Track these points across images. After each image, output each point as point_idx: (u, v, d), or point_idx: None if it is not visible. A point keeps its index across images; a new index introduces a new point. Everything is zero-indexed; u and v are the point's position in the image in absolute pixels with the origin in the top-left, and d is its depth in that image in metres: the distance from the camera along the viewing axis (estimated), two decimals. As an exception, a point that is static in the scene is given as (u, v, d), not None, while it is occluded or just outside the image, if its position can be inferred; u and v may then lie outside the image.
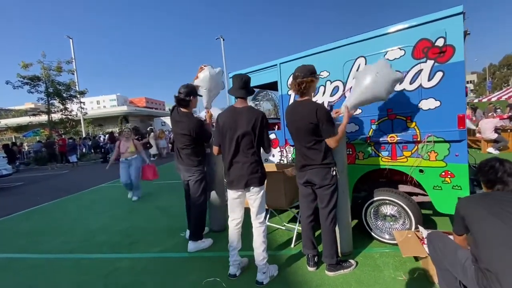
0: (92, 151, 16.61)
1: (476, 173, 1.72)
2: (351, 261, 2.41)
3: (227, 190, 2.33)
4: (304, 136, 2.25)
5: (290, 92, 3.23)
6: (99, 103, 65.37)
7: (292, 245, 2.89)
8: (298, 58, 3.13)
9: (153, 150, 14.23)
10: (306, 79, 2.18)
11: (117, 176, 9.00)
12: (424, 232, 2.30)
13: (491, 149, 7.45)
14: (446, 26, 2.20)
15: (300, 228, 3.20)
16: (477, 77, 50.92)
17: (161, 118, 23.75)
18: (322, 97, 3.00)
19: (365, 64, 2.65)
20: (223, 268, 2.48)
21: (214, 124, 2.51)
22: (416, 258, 2.41)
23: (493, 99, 18.37)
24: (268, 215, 3.27)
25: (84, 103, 19.30)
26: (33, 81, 15.43)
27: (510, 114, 9.27)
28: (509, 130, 7.74)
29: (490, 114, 9.00)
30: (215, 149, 2.39)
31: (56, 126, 17.12)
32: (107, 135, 17.13)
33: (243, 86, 2.25)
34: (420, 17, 2.32)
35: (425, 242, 2.13)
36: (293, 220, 3.51)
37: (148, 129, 15.62)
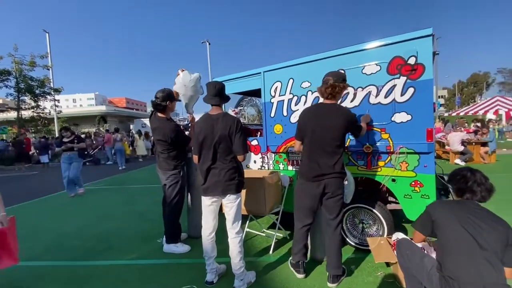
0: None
1: (448, 181, 1.80)
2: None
3: (202, 197, 2.32)
4: (330, 140, 2.18)
5: (273, 100, 3.31)
6: (75, 101, 62.46)
7: (271, 252, 2.92)
8: (281, 68, 3.21)
9: (141, 151, 13.83)
10: (339, 84, 2.19)
11: (92, 178, 8.74)
12: (399, 237, 2.41)
13: (458, 160, 7.98)
14: (418, 46, 2.37)
15: (279, 235, 3.26)
16: (447, 93, 54.39)
17: (142, 119, 23.06)
18: (303, 107, 3.10)
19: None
20: (201, 275, 2.45)
21: None
22: (388, 264, 2.52)
23: (461, 113, 19.77)
24: (247, 221, 3.29)
25: (58, 100, 18.34)
26: (2, 75, 14.48)
27: (475, 128, 9.98)
28: (473, 143, 8.35)
29: (458, 128, 9.65)
30: (195, 158, 2.35)
31: (26, 124, 16.11)
32: (83, 135, 16.40)
33: (217, 94, 2.26)
34: (395, 36, 2.48)
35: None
36: (273, 226, 3.54)
37: (137, 130, 15.23)
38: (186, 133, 3.29)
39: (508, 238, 1.46)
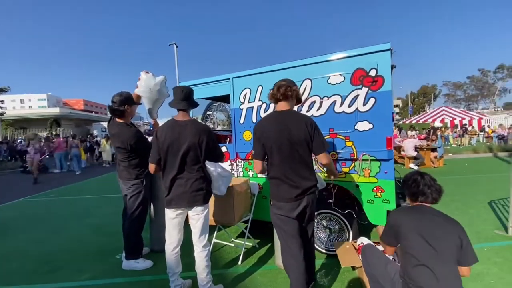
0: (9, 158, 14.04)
1: (402, 186, 1.91)
2: None
3: (165, 209, 2.16)
4: (299, 152, 1.90)
5: (242, 106, 3.27)
6: (23, 102, 56.12)
7: (240, 262, 2.84)
8: (251, 75, 3.20)
9: (108, 157, 12.78)
10: (293, 87, 1.99)
11: (40, 189, 7.83)
12: (364, 241, 2.49)
13: (412, 165, 8.69)
14: (378, 59, 2.52)
15: (249, 244, 3.19)
16: (401, 102, 59.61)
17: (102, 123, 21.49)
18: (272, 114, 3.10)
19: (311, 86, 2.85)
20: (164, 293, 2.28)
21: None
22: (353, 268, 2.59)
23: (413, 121, 21.74)
24: (215, 231, 3.17)
25: (3, 101, 16.33)
26: None
27: (426, 135, 11.00)
28: (425, 149, 9.17)
29: (411, 134, 10.55)
30: (152, 167, 2.17)
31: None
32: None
33: (184, 98, 2.15)
34: (358, 48, 2.61)
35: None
36: (242, 235, 3.46)
37: (105, 135, 14.07)
38: (150, 139, 3.09)
39: (461, 240, 1.56)
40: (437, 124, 19.23)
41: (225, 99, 3.79)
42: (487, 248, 2.99)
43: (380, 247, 2.17)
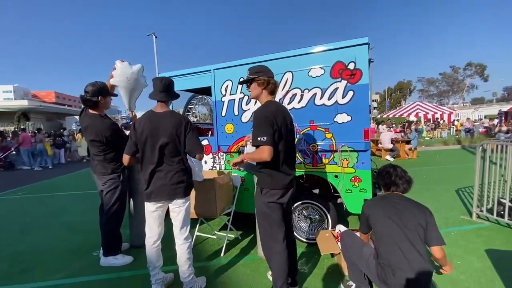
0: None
1: (377, 178, 2.04)
2: None
3: (145, 202, 2.12)
4: (293, 141, 2.05)
5: (224, 98, 3.24)
6: (-15, 94, 51.77)
7: (222, 254, 2.85)
8: (232, 66, 3.16)
9: (84, 152, 12.11)
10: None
11: (8, 186, 7.34)
12: (341, 229, 2.60)
13: (388, 157, 9.10)
14: (356, 52, 2.58)
15: (231, 236, 3.21)
16: (379, 97, 61.82)
17: (75, 117, 20.39)
18: (254, 106, 3.10)
19: (292, 78, 2.88)
20: (145, 287, 2.25)
21: None
22: (332, 255, 2.69)
23: (390, 116, 22.66)
24: (197, 224, 3.16)
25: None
26: None
27: (401, 129, 11.52)
28: (400, 142, 9.62)
29: (387, 128, 11.01)
30: (126, 159, 2.11)
31: None
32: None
33: (163, 89, 2.10)
34: (337, 42, 2.66)
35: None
36: (225, 228, 3.48)
37: (75, 128, 13.26)
38: (127, 132, 2.99)
39: (426, 221, 1.71)
40: (412, 118, 20.20)
41: (207, 91, 3.73)
42: (454, 233, 3.22)
43: (357, 233, 2.28)
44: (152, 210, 2.10)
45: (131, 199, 3.01)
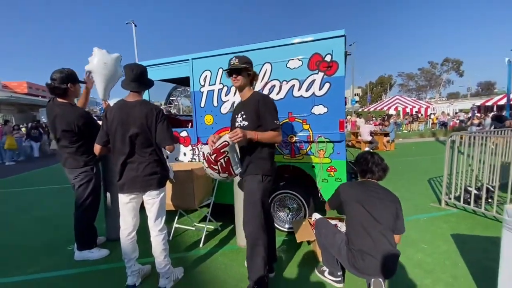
0: None
1: (354, 164, 2.09)
2: None
3: (119, 194, 2.07)
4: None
5: (203, 89, 3.19)
6: None
7: (201, 245, 2.86)
8: (211, 56, 3.11)
9: (54, 145, 11.46)
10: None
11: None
12: (317, 217, 2.67)
13: (367, 149, 9.39)
14: (333, 45, 2.62)
15: (210, 227, 3.22)
16: (361, 91, 63.22)
17: (51, 109, 19.35)
18: (233, 97, 3.08)
19: (271, 70, 2.88)
20: (122, 280, 2.22)
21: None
22: (309, 242, 2.78)
23: (371, 109, 23.30)
24: (176, 217, 3.14)
25: None
26: None
27: (380, 122, 11.90)
28: (379, 134, 9.96)
29: (367, 121, 11.34)
30: (97, 148, 2.06)
31: None
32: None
33: (135, 79, 2.01)
34: (314, 34, 2.68)
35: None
36: (205, 219, 3.48)
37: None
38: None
39: (397, 211, 1.80)
40: (392, 112, 20.90)
41: (185, 81, 3.65)
42: (423, 219, 3.40)
43: (332, 221, 2.36)
44: (125, 202, 2.06)
45: (107, 193, 2.93)
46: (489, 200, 3.52)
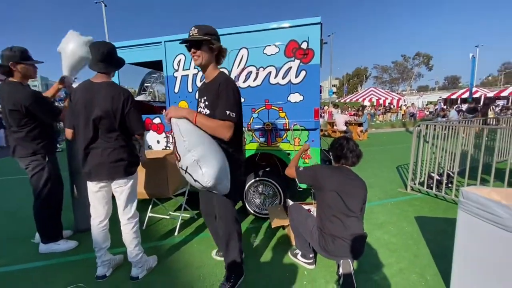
0: None
1: (329, 149, 2.12)
2: None
3: (87, 182, 1.97)
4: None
5: (177, 74, 3.07)
6: None
7: (176, 233, 2.83)
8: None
9: None
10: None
11: None
12: (290, 202, 2.74)
13: (343, 138, 9.75)
14: (309, 32, 2.61)
15: (186, 215, 3.18)
16: (338, 82, 64.77)
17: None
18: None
19: (248, 55, 2.83)
20: (92, 271, 2.14)
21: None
22: (284, 227, 2.85)
23: (347, 100, 23.99)
24: (150, 206, 3.07)
25: None
26: None
27: (354, 112, 12.32)
28: (353, 124, 10.32)
29: (342, 111, 11.69)
30: (68, 132, 1.95)
31: None
32: None
33: (102, 59, 1.87)
34: (291, 20, 2.66)
35: (289, 213, 2.55)
36: (180, 209, 3.43)
37: None
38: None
39: (365, 197, 1.91)
40: (366, 103, 21.67)
41: (157, 65, 3.49)
42: (390, 203, 3.62)
43: (305, 206, 2.43)
44: (95, 191, 1.96)
45: (73, 181, 2.77)
46: (449, 185, 3.81)
